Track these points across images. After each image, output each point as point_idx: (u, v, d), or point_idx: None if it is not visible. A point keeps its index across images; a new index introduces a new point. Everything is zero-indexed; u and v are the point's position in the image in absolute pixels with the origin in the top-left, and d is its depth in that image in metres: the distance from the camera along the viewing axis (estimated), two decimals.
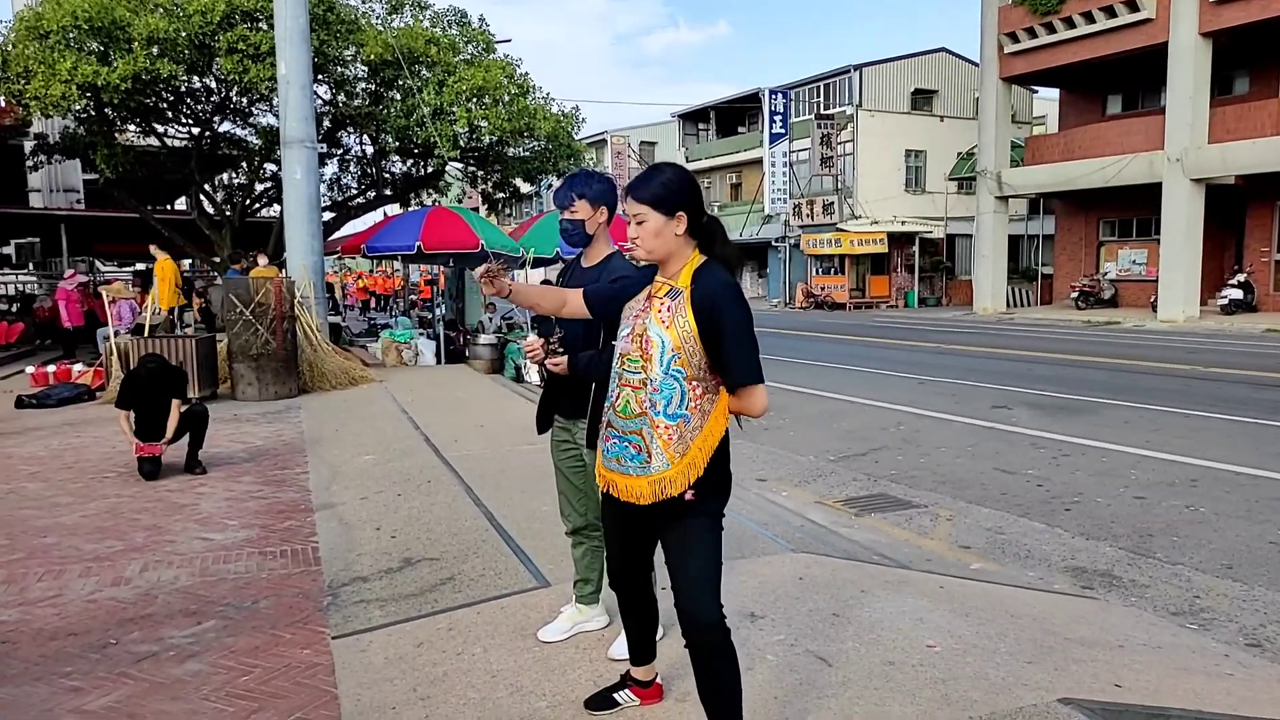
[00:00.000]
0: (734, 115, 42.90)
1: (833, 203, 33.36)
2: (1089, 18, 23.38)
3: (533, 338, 3.15)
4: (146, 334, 10.74)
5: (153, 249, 12.42)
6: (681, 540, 2.42)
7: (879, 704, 2.95)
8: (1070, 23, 23.90)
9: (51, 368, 11.38)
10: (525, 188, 20.29)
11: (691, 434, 2.35)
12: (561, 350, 3.10)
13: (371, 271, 35.92)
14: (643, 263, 2.56)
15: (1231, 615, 4.05)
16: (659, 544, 2.69)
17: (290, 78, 11.71)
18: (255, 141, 16.85)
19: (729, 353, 2.32)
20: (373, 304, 33.84)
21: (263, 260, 13.42)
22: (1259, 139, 20.72)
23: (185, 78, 14.39)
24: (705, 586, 2.39)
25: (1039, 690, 3.04)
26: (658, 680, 2.96)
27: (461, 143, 15.77)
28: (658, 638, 3.00)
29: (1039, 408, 9.54)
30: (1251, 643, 3.75)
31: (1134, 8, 22.34)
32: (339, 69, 15.56)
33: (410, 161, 18.38)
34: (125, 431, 6.44)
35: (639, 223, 2.43)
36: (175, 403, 6.45)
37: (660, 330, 2.37)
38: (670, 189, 2.41)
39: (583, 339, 3.12)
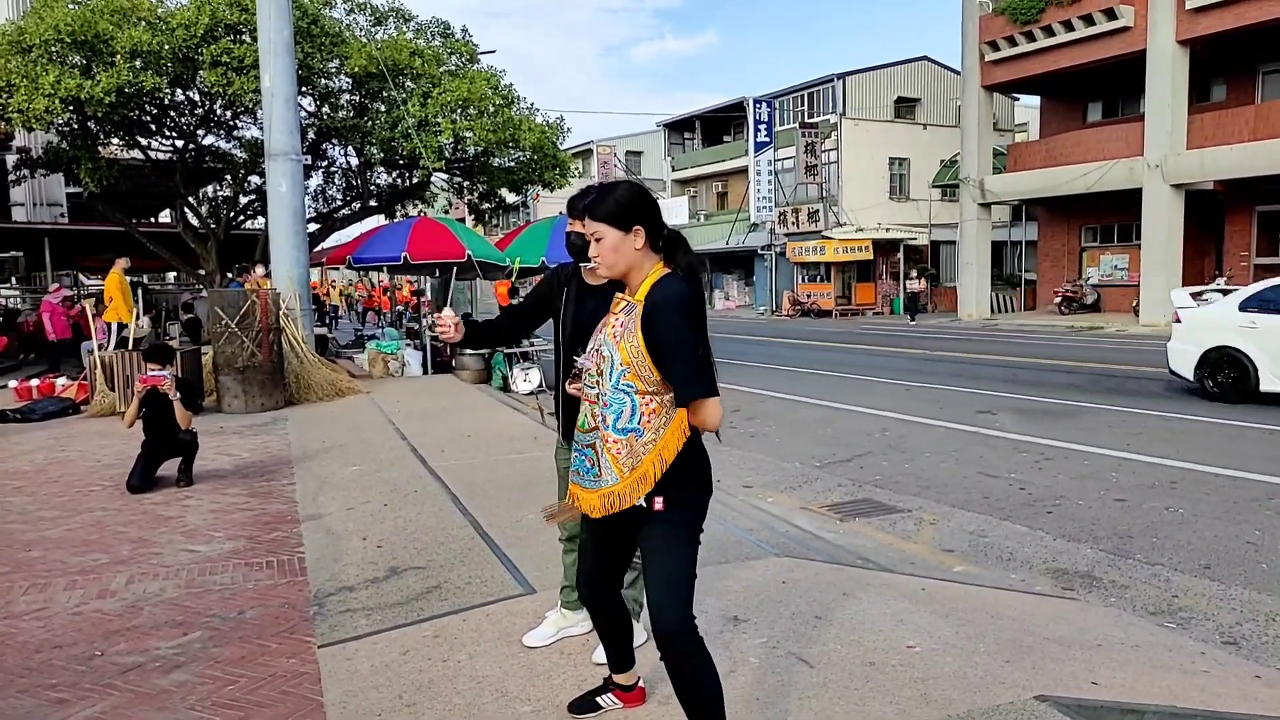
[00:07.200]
0: (719, 124, 43.09)
1: (818, 210, 33.51)
2: (1068, 26, 23.63)
3: (447, 312, 3.02)
4: (131, 347, 10.70)
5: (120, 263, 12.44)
6: (651, 550, 2.43)
7: (859, 704, 2.99)
8: (1050, 31, 24.15)
9: (35, 381, 11.33)
10: (511, 198, 20.33)
11: (644, 448, 2.34)
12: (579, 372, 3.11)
13: (376, 284, 35.48)
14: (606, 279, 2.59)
15: (1208, 614, 4.11)
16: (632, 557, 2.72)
17: (274, 90, 11.73)
18: (240, 154, 16.82)
19: (670, 366, 2.28)
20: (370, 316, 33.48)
21: (259, 270, 13.44)
22: (1236, 144, 20.98)
23: (169, 91, 14.37)
24: (669, 596, 2.37)
25: (1016, 688, 3.08)
26: (640, 684, 2.99)
27: (447, 154, 15.80)
28: (638, 643, 3.02)
29: (1022, 412, 9.63)
30: (1227, 640, 3.81)
31: (1112, 16, 22.60)
32: (323, 81, 15.58)
33: (395, 173, 18.38)
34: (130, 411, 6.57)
35: (597, 240, 2.44)
36: (187, 415, 6.58)
37: (612, 346, 2.38)
38: (623, 204, 2.42)
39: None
